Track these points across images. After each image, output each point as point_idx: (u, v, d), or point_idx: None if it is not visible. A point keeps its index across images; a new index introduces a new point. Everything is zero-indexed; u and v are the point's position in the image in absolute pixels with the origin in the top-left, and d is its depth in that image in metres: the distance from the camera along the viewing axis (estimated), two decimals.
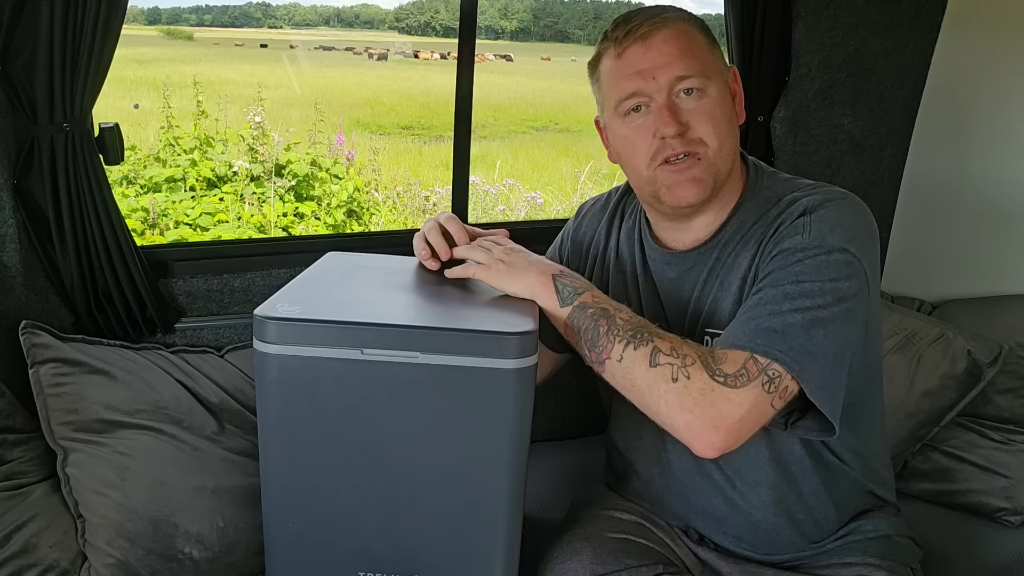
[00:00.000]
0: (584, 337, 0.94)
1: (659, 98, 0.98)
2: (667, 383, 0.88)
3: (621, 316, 0.94)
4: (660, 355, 0.89)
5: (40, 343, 1.23)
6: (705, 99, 0.98)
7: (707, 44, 1.02)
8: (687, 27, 1.00)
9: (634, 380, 0.90)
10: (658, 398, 0.89)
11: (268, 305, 0.88)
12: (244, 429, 1.33)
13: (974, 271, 1.88)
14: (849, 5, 1.72)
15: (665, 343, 0.91)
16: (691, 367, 0.88)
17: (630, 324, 0.93)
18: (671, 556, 1.10)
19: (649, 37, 0.98)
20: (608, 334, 0.92)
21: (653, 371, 0.89)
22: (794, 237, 0.95)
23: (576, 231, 1.26)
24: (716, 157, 0.99)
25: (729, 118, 1.01)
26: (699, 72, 0.98)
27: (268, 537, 0.95)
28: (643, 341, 0.91)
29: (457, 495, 0.91)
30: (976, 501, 1.50)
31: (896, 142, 1.91)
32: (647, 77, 0.98)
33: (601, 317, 0.93)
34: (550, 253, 1.29)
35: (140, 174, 4.04)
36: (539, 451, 1.64)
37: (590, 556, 1.04)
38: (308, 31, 15.83)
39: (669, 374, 0.88)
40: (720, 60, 1.03)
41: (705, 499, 1.10)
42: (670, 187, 1.00)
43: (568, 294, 0.96)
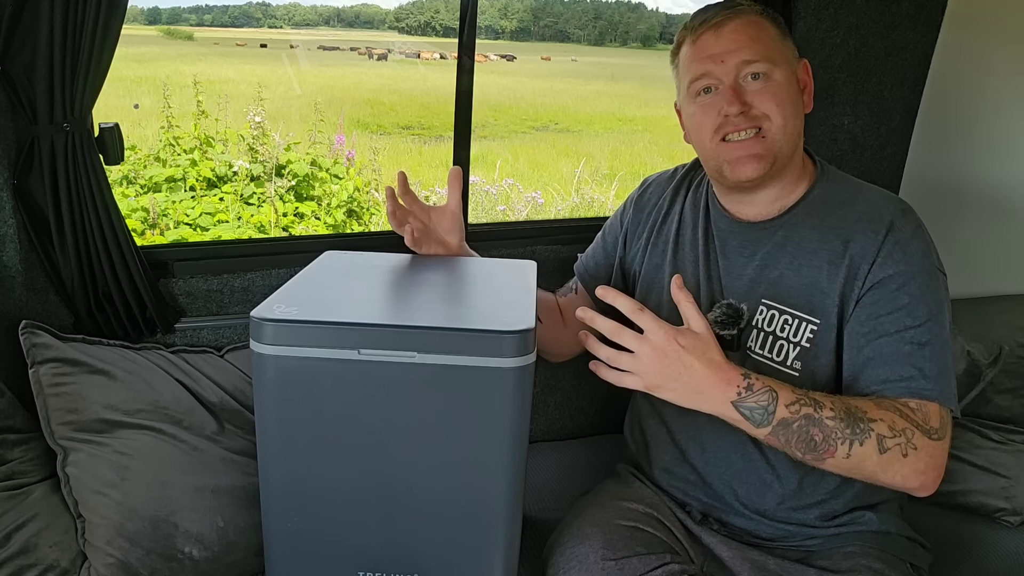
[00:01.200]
0: (795, 445, 0.95)
1: (727, 80, 1.06)
2: (899, 461, 0.95)
3: (827, 415, 0.94)
4: (886, 440, 0.95)
5: (40, 343, 1.23)
6: (770, 83, 1.06)
7: (777, 34, 1.10)
8: (758, 18, 1.09)
9: (863, 469, 0.96)
10: (893, 473, 0.96)
11: (265, 306, 0.88)
12: (244, 429, 1.33)
13: (974, 271, 1.88)
14: (849, 5, 1.72)
15: (884, 426, 0.95)
16: (915, 439, 0.96)
17: (841, 419, 0.94)
18: (677, 547, 1.12)
19: (721, 26, 1.07)
20: (827, 440, 0.94)
21: (885, 457, 0.95)
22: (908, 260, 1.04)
23: (640, 198, 1.33)
24: (779, 133, 1.06)
25: (794, 102, 1.08)
26: (765, 58, 1.06)
27: (267, 537, 0.95)
28: (864, 434, 0.94)
29: (456, 494, 0.91)
30: (975, 501, 1.50)
31: (896, 142, 1.91)
32: (716, 61, 1.07)
33: (811, 425, 0.94)
34: (611, 221, 1.37)
35: (140, 174, 4.04)
36: (539, 451, 1.64)
37: (601, 542, 1.06)
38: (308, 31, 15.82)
39: (900, 452, 0.95)
40: (789, 50, 1.10)
41: (726, 452, 1.16)
42: (731, 162, 1.08)
43: (760, 417, 0.94)
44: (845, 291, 1.06)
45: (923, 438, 0.96)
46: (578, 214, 4.82)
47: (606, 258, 1.36)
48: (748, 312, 1.14)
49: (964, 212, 1.89)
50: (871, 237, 1.05)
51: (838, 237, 1.08)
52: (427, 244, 1.21)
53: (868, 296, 1.05)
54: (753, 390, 0.94)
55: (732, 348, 1.15)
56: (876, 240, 1.05)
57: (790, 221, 1.12)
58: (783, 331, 1.10)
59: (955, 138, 1.89)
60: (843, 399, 0.98)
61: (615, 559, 1.03)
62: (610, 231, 1.37)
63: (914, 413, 0.98)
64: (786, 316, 1.10)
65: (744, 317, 1.14)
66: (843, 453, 0.94)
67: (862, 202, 1.10)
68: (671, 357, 0.91)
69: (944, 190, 1.92)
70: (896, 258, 1.04)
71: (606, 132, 8.95)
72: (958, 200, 1.90)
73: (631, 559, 1.03)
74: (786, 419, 0.93)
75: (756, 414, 0.93)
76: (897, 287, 1.03)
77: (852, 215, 1.08)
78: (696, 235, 1.20)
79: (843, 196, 1.11)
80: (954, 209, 1.91)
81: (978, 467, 1.53)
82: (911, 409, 0.98)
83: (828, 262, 1.08)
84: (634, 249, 1.31)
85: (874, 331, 1.03)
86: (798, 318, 1.09)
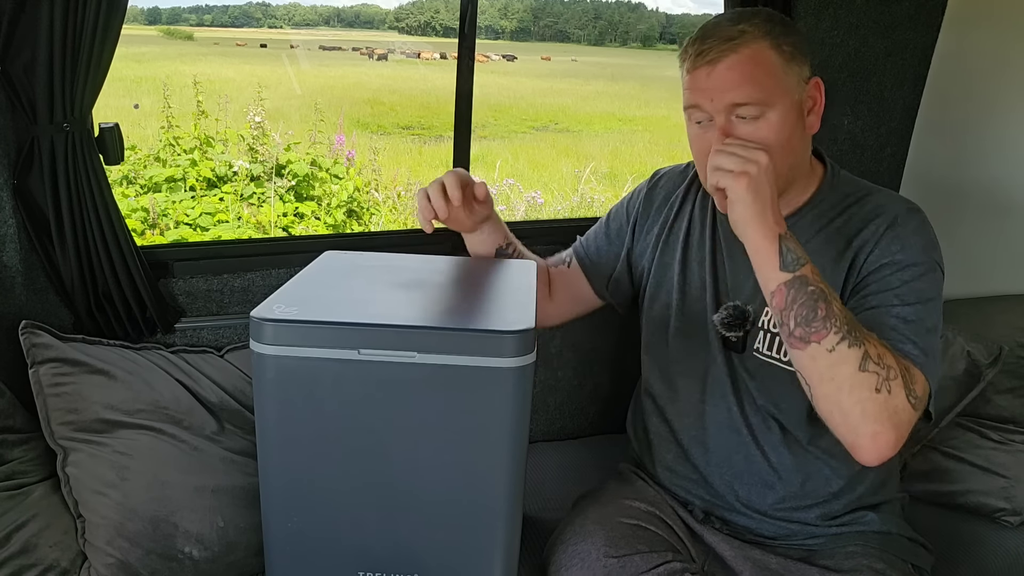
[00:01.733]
0: (795, 311, 0.93)
1: (718, 119, 1.03)
2: (870, 391, 0.91)
3: (837, 304, 0.94)
4: (870, 362, 0.92)
5: (40, 343, 1.23)
6: (761, 124, 1.01)
7: (780, 65, 1.02)
8: (759, 48, 1.00)
9: (836, 375, 0.92)
10: (856, 402, 0.91)
11: (265, 306, 0.88)
12: (244, 429, 1.33)
13: (974, 271, 1.88)
14: (849, 5, 1.72)
15: (874, 349, 0.93)
16: (894, 382, 0.92)
17: (846, 317, 0.93)
18: (679, 546, 1.12)
19: (715, 63, 1.01)
20: (826, 320, 0.92)
21: (860, 375, 0.91)
22: (905, 251, 1.03)
23: (652, 190, 1.31)
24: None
25: (787, 139, 1.03)
26: (757, 100, 1.00)
27: (268, 537, 0.95)
28: (856, 341, 0.92)
29: (456, 494, 0.91)
30: (975, 501, 1.50)
31: (896, 142, 1.91)
32: (707, 98, 1.02)
33: (820, 299, 0.93)
34: (617, 209, 1.35)
35: (140, 174, 4.04)
36: (539, 451, 1.64)
37: (604, 539, 1.06)
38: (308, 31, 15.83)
39: (874, 383, 0.91)
40: (794, 77, 1.03)
41: (728, 453, 1.16)
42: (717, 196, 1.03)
43: (791, 260, 0.94)
44: (845, 286, 1.06)
45: (901, 389, 0.92)
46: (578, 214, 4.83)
47: (609, 245, 1.33)
48: (754, 314, 1.13)
49: (964, 212, 1.89)
50: (872, 231, 1.06)
51: (843, 237, 1.08)
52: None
53: (862, 284, 1.05)
54: (795, 241, 0.95)
55: (737, 350, 1.15)
56: (876, 234, 1.05)
57: (797, 224, 1.11)
58: None
59: (955, 138, 1.89)
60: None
61: (617, 556, 1.03)
62: (615, 219, 1.34)
63: (907, 369, 0.95)
64: None
65: (750, 319, 1.14)
66: (830, 343, 0.91)
67: (870, 203, 1.09)
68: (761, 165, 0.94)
69: (944, 190, 1.92)
70: (894, 248, 1.03)
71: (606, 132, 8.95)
72: (958, 200, 1.90)
73: (633, 556, 1.03)
74: (807, 277, 0.93)
75: (789, 257, 0.94)
76: (890, 272, 1.03)
77: (857, 216, 1.08)
78: (704, 235, 1.20)
79: (850, 199, 1.11)
80: (954, 209, 1.91)
81: (978, 467, 1.53)
82: (907, 367, 0.96)
83: (833, 260, 1.07)
84: (643, 243, 1.29)
85: (860, 306, 1.03)
86: None
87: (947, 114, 1.88)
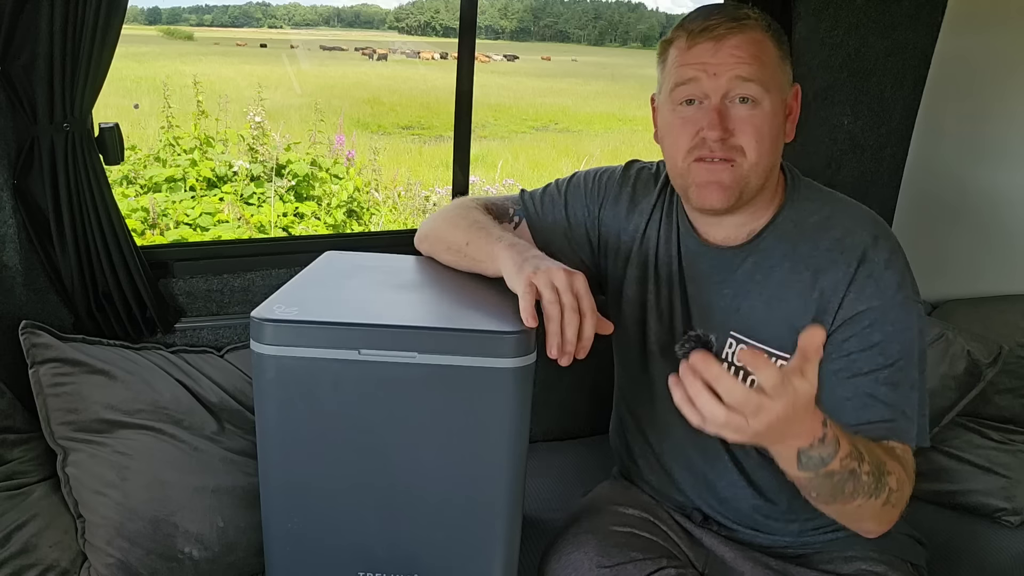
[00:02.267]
0: (818, 492, 0.88)
1: (714, 98, 0.98)
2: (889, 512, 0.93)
3: (864, 469, 0.87)
4: (892, 495, 0.91)
5: (40, 343, 1.23)
6: (757, 111, 0.98)
7: (778, 57, 1.01)
8: (763, 36, 0.99)
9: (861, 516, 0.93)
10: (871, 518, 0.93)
11: (265, 307, 0.88)
12: (244, 429, 1.33)
13: (974, 271, 1.88)
14: (849, 5, 1.72)
15: (894, 480, 0.91)
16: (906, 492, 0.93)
17: (872, 474, 0.88)
18: (675, 551, 1.11)
19: (723, 39, 0.97)
20: (853, 494, 0.88)
21: (883, 510, 0.92)
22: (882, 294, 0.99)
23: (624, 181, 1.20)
24: (750, 171, 0.99)
25: (775, 136, 1.01)
26: (760, 81, 0.97)
27: (267, 537, 0.95)
28: (881, 490, 0.89)
29: (456, 495, 0.91)
30: (976, 501, 1.50)
31: (896, 142, 1.91)
32: (709, 73, 0.98)
33: (849, 480, 0.86)
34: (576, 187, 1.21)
35: (140, 174, 4.04)
36: (539, 451, 1.64)
37: (596, 548, 1.05)
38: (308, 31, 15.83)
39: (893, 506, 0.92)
40: (785, 76, 1.02)
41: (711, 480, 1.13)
42: (699, 186, 1.01)
43: (813, 465, 0.84)
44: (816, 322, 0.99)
45: (910, 488, 0.93)
46: None
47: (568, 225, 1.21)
48: (716, 344, 1.08)
49: (964, 212, 1.89)
50: (843, 269, 1.00)
51: (808, 267, 1.02)
52: None
53: (840, 332, 0.99)
54: (824, 441, 0.83)
55: None
56: (848, 273, 0.99)
57: (760, 247, 1.06)
58: None
59: (955, 138, 1.89)
60: (870, 447, 0.90)
61: (610, 565, 1.02)
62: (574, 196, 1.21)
63: (905, 463, 0.94)
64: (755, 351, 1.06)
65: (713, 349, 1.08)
66: (856, 504, 0.88)
67: (835, 227, 1.03)
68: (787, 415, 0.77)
69: (944, 190, 1.92)
70: (869, 293, 0.98)
71: (606, 132, 8.95)
72: (958, 200, 1.90)
73: (626, 565, 1.02)
74: (833, 471, 0.85)
75: (812, 462, 0.84)
76: (869, 324, 0.98)
77: (823, 242, 1.02)
78: (669, 254, 1.14)
79: (814, 219, 1.05)
80: (954, 209, 1.91)
81: (978, 467, 1.53)
82: (902, 459, 0.95)
83: (799, 295, 1.02)
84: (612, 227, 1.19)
85: (847, 369, 0.99)
86: (767, 353, 1.04)
87: (947, 114, 1.88)
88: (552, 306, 0.87)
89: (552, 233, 1.20)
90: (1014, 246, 1.83)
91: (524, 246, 0.99)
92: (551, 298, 0.87)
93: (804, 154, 1.83)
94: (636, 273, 1.17)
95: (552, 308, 0.87)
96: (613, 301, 1.22)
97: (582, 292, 0.88)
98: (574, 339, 0.87)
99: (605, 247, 1.20)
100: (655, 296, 1.15)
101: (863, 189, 1.92)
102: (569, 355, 0.88)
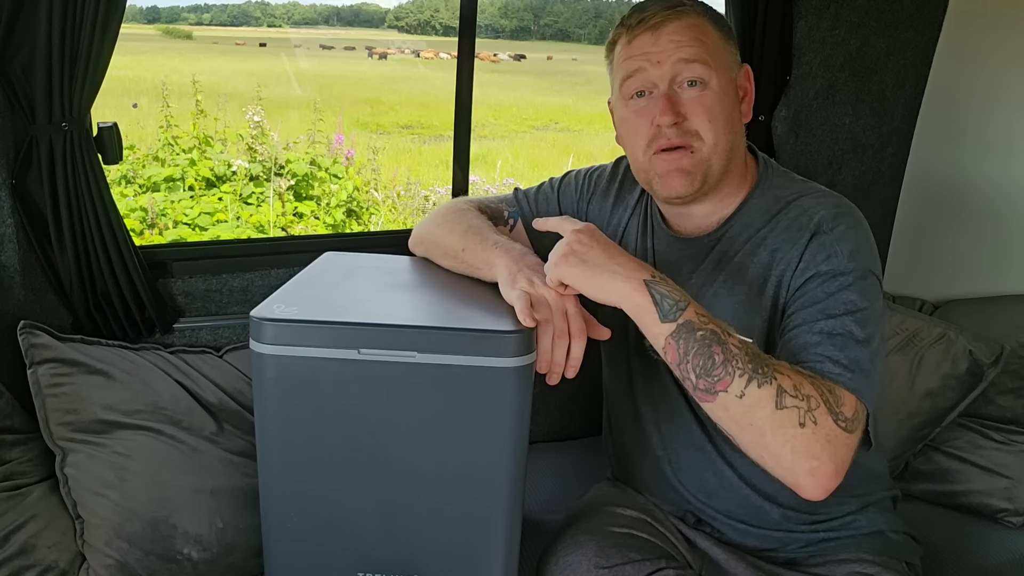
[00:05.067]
0: (690, 361, 0.85)
1: (661, 85, 1.00)
2: (795, 428, 0.84)
3: (733, 342, 0.86)
4: (786, 396, 0.84)
5: (38, 343, 1.23)
6: (706, 92, 1.00)
7: (720, 38, 1.02)
8: (700, 20, 1.01)
9: (754, 420, 0.85)
10: (783, 442, 0.84)
11: (265, 306, 0.88)
12: (243, 429, 1.33)
13: (976, 271, 1.88)
14: (851, 4, 1.71)
15: (787, 380, 0.85)
16: (816, 411, 0.85)
17: (746, 353, 0.86)
18: (673, 552, 1.11)
19: (660, 27, 1.00)
20: (725, 364, 0.84)
21: (779, 413, 0.84)
22: (831, 260, 0.96)
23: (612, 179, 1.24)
24: (710, 153, 1.01)
25: (729, 114, 1.02)
26: (703, 61, 0.99)
27: (267, 538, 0.95)
28: (766, 377, 0.84)
29: (456, 495, 0.91)
30: (977, 502, 1.50)
31: (897, 141, 1.91)
32: (652, 62, 1.00)
33: (714, 342, 0.85)
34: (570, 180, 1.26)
35: (139, 173, 4.04)
36: (539, 451, 1.63)
37: (594, 550, 1.05)
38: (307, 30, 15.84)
39: (796, 418, 0.84)
40: (731, 56, 1.04)
41: (698, 472, 1.13)
42: (662, 176, 1.02)
43: (669, 308, 0.85)
44: (773, 307, 1.01)
45: (827, 416, 0.85)
46: None
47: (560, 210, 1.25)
48: None
49: (965, 211, 1.89)
50: (795, 244, 0.99)
51: (767, 248, 1.02)
52: None
53: (790, 300, 0.99)
54: (666, 282, 0.87)
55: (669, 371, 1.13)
56: (799, 247, 0.99)
57: (728, 234, 1.06)
58: None
59: (956, 138, 1.89)
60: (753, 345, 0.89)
61: (608, 567, 1.01)
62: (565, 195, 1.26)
63: (829, 391, 0.88)
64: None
65: None
66: (738, 389, 0.84)
67: (795, 208, 1.03)
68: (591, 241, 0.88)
69: (945, 189, 1.92)
70: (819, 260, 0.96)
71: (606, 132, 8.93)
72: (960, 199, 1.90)
73: (624, 566, 1.01)
74: (692, 322, 0.85)
75: (667, 303, 0.85)
76: (816, 285, 0.96)
77: (783, 223, 1.02)
78: (645, 248, 1.15)
79: (780, 204, 1.05)
80: (956, 208, 1.90)
81: (980, 467, 1.52)
82: (829, 390, 0.88)
83: (758, 275, 1.02)
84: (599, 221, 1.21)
85: (787, 327, 0.97)
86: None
87: (949, 113, 1.88)
88: (543, 325, 0.88)
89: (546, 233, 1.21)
90: (1016, 246, 1.82)
91: (519, 253, 0.99)
92: (542, 316, 0.88)
93: (805, 153, 1.83)
94: None
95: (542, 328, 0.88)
96: None
97: (572, 312, 0.89)
98: (562, 361, 0.89)
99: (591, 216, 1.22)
100: None
101: (864, 189, 1.91)
102: (557, 375, 0.89)
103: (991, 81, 1.82)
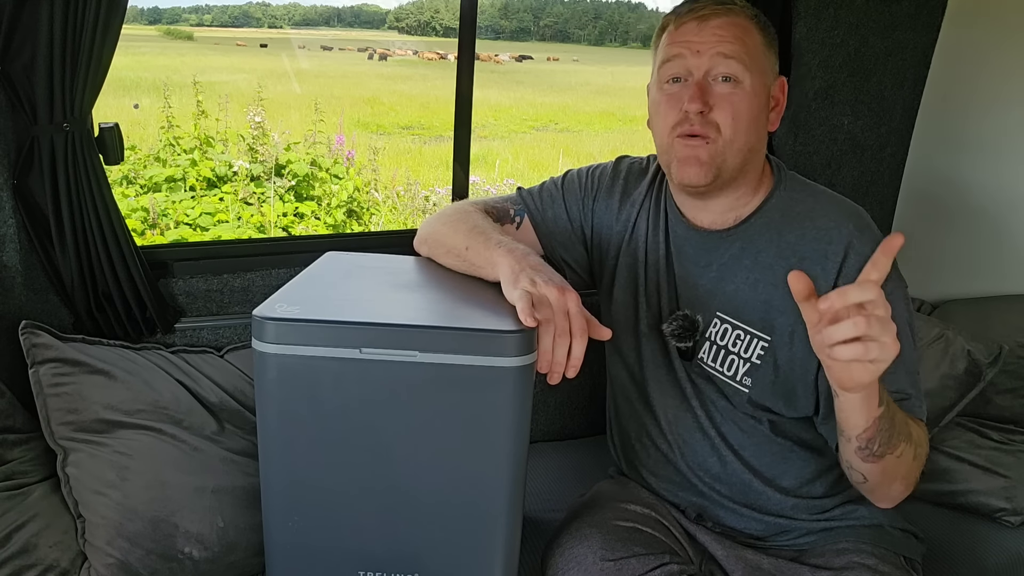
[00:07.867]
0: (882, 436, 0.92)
1: (696, 74, 1.03)
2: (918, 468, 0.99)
3: (894, 409, 0.93)
4: (919, 448, 0.97)
5: (40, 343, 1.23)
6: (737, 90, 1.02)
7: (762, 43, 1.05)
8: (747, 21, 1.04)
9: (899, 470, 0.97)
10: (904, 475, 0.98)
11: (267, 305, 0.88)
12: (244, 429, 1.33)
13: (974, 271, 1.88)
14: (849, 5, 1.72)
15: (915, 429, 0.97)
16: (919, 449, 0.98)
17: (898, 416, 0.94)
18: (676, 547, 1.12)
19: (707, 19, 1.03)
20: (899, 435, 0.93)
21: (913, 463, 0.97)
22: None
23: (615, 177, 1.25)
24: (725, 148, 1.03)
25: (755, 117, 1.04)
26: (741, 60, 1.01)
27: (268, 537, 0.95)
28: (906, 435, 0.95)
29: (457, 494, 0.91)
30: (976, 501, 1.50)
31: (896, 142, 1.91)
32: (692, 50, 1.03)
33: (896, 413, 0.93)
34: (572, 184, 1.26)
35: (140, 174, 4.05)
36: (539, 451, 1.64)
37: (599, 542, 1.06)
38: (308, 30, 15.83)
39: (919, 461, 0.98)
40: (769, 63, 1.06)
41: (703, 456, 1.16)
42: (680, 161, 1.05)
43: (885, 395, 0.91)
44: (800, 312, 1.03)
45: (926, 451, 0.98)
46: None
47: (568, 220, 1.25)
48: (703, 324, 1.12)
49: (964, 212, 1.89)
50: (832, 260, 1.03)
51: (795, 254, 1.05)
52: None
53: None
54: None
55: (687, 358, 1.15)
56: (835, 264, 1.02)
57: (747, 232, 1.09)
58: (735, 346, 1.09)
59: (955, 138, 1.89)
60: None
61: (614, 559, 1.03)
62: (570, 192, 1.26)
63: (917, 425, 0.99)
64: (739, 331, 1.09)
65: (699, 329, 1.13)
66: (899, 451, 0.93)
67: (820, 217, 1.06)
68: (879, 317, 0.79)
69: (944, 190, 1.92)
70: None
71: (606, 132, 8.95)
72: (958, 200, 1.90)
73: (630, 559, 1.03)
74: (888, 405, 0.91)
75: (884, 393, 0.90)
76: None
77: (810, 232, 1.05)
78: (657, 239, 1.18)
79: (800, 208, 1.08)
80: (954, 209, 1.91)
81: (979, 467, 1.53)
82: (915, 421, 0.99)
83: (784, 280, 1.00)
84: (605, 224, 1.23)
85: None
86: (750, 334, 1.08)
87: (947, 114, 1.88)
88: (544, 325, 0.88)
89: (555, 226, 1.24)
90: (1015, 246, 1.83)
91: (522, 253, 0.99)
92: (543, 316, 0.88)
93: (804, 154, 1.83)
94: (628, 260, 1.21)
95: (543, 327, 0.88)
96: (606, 290, 1.25)
97: (573, 312, 0.89)
98: (563, 361, 0.88)
99: (598, 239, 1.24)
100: (644, 280, 1.19)
101: (863, 189, 1.92)
102: (558, 375, 0.89)
103: (989, 82, 1.83)
